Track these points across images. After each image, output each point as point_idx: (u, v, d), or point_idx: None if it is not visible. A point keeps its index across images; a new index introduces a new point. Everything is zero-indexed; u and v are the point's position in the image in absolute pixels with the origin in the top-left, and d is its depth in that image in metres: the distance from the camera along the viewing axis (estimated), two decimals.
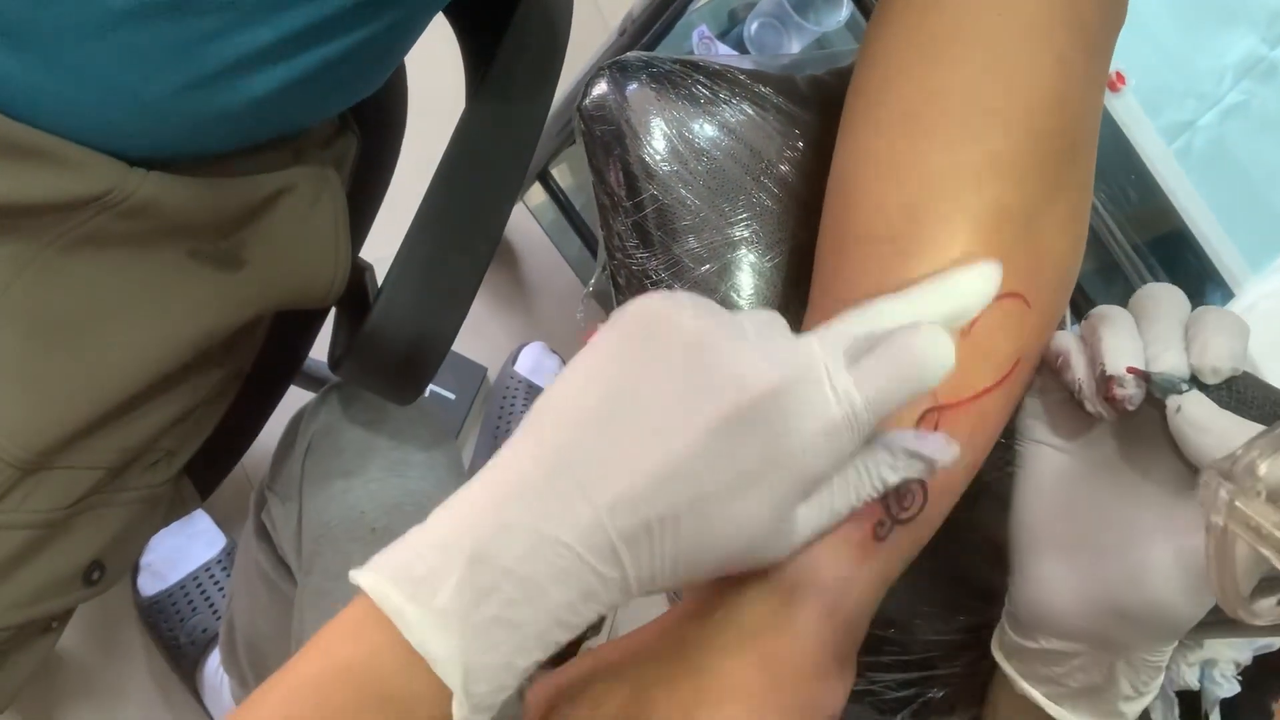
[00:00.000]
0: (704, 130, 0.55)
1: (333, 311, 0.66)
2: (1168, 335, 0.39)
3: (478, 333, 1.33)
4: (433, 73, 0.81)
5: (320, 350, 0.66)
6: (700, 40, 1.34)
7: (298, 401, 0.71)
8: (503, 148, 0.62)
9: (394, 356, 0.58)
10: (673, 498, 0.31)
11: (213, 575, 1.10)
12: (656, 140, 0.54)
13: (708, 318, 0.33)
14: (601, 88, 0.55)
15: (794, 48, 1.35)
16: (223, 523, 1.14)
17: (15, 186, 0.44)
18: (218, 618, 1.08)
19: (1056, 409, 0.44)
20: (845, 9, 1.33)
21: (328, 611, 0.59)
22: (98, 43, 0.42)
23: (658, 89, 0.55)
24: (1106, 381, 0.39)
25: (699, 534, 0.32)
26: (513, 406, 1.29)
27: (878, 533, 0.39)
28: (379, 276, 0.61)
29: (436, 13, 0.55)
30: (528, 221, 1.37)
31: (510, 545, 0.30)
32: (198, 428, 0.61)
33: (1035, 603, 0.43)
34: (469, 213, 0.60)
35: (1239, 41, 0.94)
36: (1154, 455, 0.40)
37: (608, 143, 0.54)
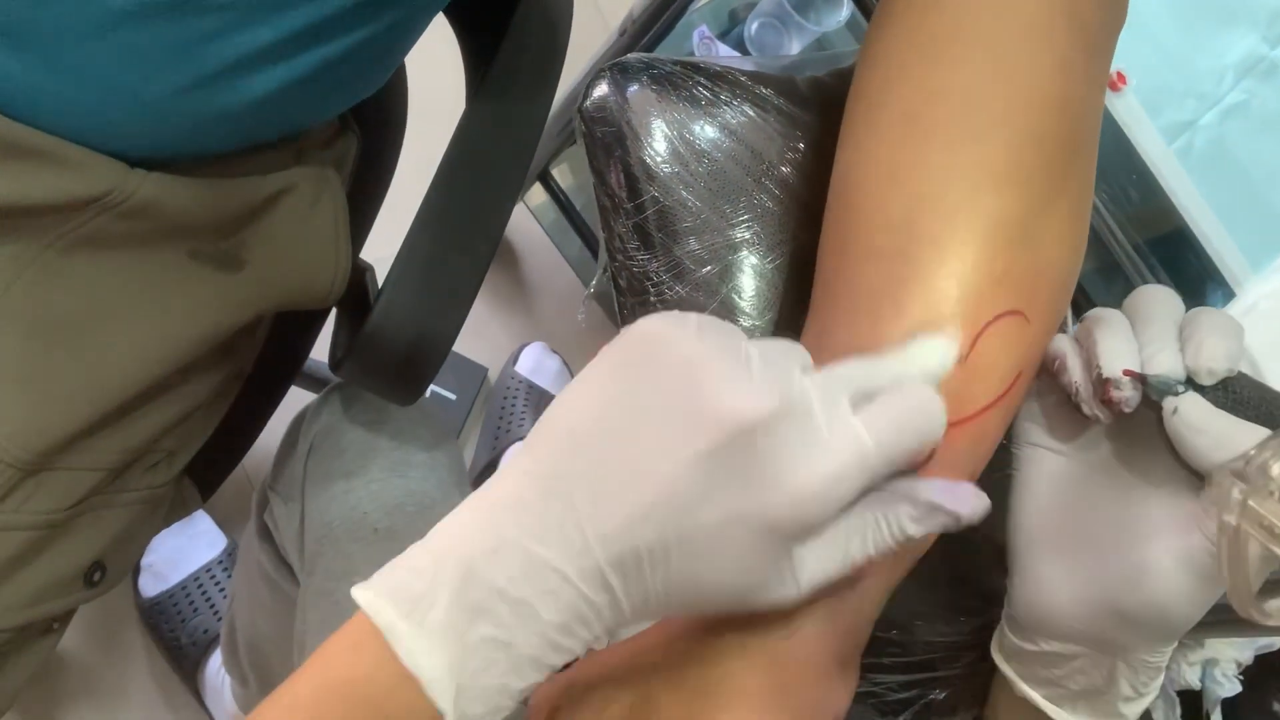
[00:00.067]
0: (705, 132, 0.55)
1: (333, 312, 0.66)
2: (1163, 337, 0.39)
3: (478, 333, 1.33)
4: (433, 73, 0.81)
5: (321, 351, 0.66)
6: (701, 40, 1.34)
7: (299, 402, 0.71)
8: (503, 148, 0.62)
9: (395, 357, 0.58)
10: (660, 527, 0.31)
11: (214, 576, 1.10)
12: (657, 142, 0.54)
13: (709, 342, 0.33)
14: (602, 89, 0.55)
15: (794, 48, 1.35)
16: (224, 523, 1.14)
17: (15, 187, 0.44)
18: (219, 618, 1.08)
19: (1053, 412, 0.44)
20: (845, 9, 1.33)
21: (330, 612, 0.60)
22: (98, 43, 0.42)
23: (659, 90, 0.55)
24: (1103, 384, 0.39)
25: (690, 563, 0.32)
26: (513, 407, 1.29)
27: None
28: (379, 277, 0.61)
29: (437, 13, 0.55)
30: (528, 222, 1.37)
31: (503, 566, 0.30)
32: (199, 428, 0.61)
33: (1034, 605, 0.43)
34: (469, 213, 0.60)
35: (1239, 41, 0.94)
36: (1151, 457, 0.40)
37: (609, 144, 0.54)
